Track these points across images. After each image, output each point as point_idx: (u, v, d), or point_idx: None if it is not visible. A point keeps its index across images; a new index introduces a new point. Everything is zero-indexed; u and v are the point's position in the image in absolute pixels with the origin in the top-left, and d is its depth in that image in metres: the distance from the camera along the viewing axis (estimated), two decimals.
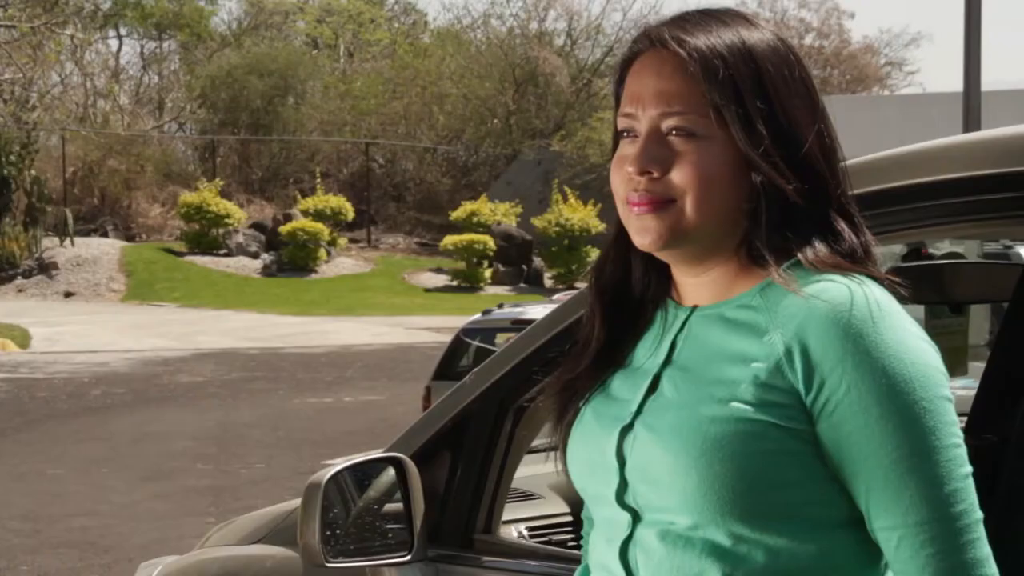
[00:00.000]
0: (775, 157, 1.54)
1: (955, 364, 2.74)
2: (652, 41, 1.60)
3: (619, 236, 1.68)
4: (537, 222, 27.72)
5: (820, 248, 1.55)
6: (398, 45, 39.25)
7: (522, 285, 27.13)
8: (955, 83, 14.95)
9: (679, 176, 1.55)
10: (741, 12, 1.64)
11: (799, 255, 1.54)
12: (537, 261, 28.14)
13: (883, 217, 1.92)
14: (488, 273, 27.22)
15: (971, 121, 13.77)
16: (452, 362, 9.99)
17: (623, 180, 1.60)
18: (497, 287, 26.93)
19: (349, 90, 36.70)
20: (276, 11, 41.97)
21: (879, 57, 44.07)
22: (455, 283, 27.29)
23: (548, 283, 27.49)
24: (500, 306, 11.20)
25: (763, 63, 1.56)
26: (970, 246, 9.16)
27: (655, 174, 1.56)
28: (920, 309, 2.77)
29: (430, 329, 21.28)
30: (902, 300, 1.57)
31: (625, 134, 1.61)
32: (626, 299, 1.70)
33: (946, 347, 2.69)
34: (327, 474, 2.15)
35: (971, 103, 14.27)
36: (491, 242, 26.92)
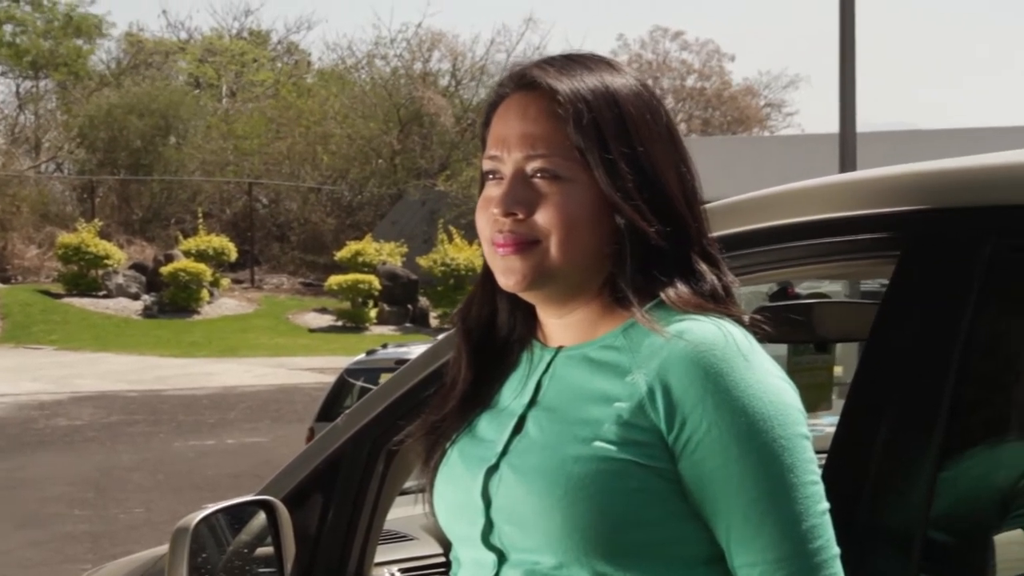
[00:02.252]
0: (637, 200, 1.57)
1: (820, 400, 2.80)
2: (517, 84, 1.63)
3: (485, 277, 1.70)
4: (423, 261, 27.68)
5: (682, 289, 1.57)
6: (281, 85, 39.02)
7: (408, 325, 27.03)
8: (833, 124, 15.25)
9: (543, 218, 1.57)
10: (605, 58, 1.67)
11: (662, 295, 1.57)
12: (423, 301, 28.08)
13: (746, 258, 1.96)
14: (373, 313, 27.09)
15: (847, 161, 14.04)
16: (336, 403, 9.93)
17: (488, 221, 1.62)
18: (382, 327, 26.80)
19: (232, 130, 36.40)
20: (156, 50, 41.52)
21: (759, 99, 44.89)
22: (340, 323, 27.10)
23: (434, 323, 27.43)
24: (384, 346, 11.16)
25: (626, 107, 1.59)
26: (852, 285, 9.31)
27: (520, 215, 1.58)
28: (784, 347, 2.82)
29: (314, 370, 21.10)
30: (764, 339, 1.60)
31: (491, 176, 1.63)
32: (492, 340, 1.71)
33: (810, 384, 2.76)
34: (195, 518, 2.13)
35: (847, 144, 14.55)
36: (376, 282, 26.81)
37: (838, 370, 2.99)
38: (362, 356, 10.69)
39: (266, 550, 2.30)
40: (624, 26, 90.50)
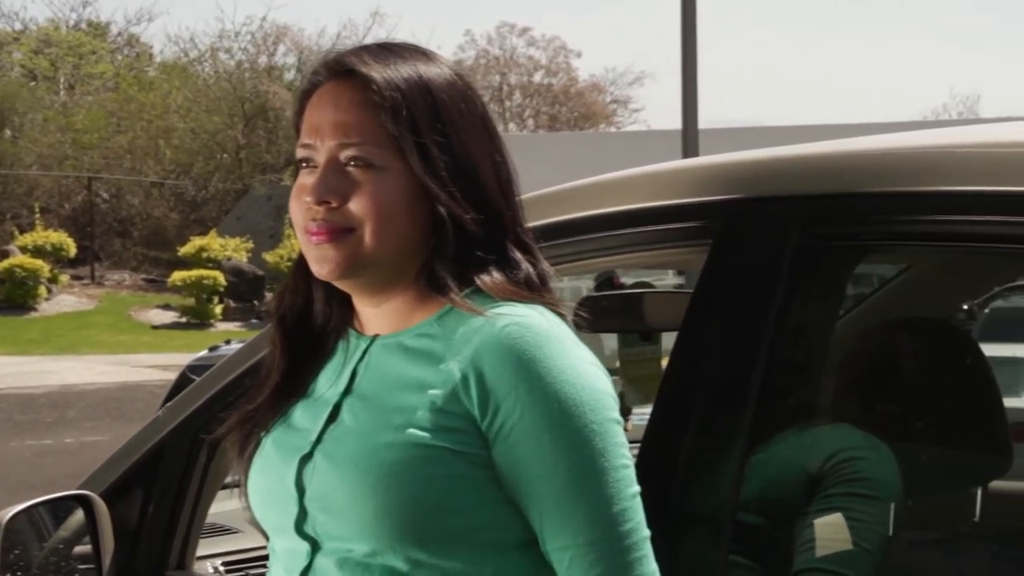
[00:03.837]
0: (452, 188, 1.57)
1: (648, 390, 2.84)
2: (331, 72, 1.62)
3: (300, 266, 1.69)
4: (269, 257, 27.36)
5: (497, 277, 1.58)
6: (122, 78, 38.23)
7: (254, 321, 26.70)
8: (678, 121, 15.48)
9: (357, 206, 1.57)
10: (419, 47, 1.67)
11: (477, 282, 1.57)
12: (269, 297, 27.80)
13: (567, 247, 1.98)
14: (218, 309, 26.71)
15: (690, 157, 14.29)
16: None
17: (302, 210, 1.60)
18: (228, 323, 26.44)
19: (70, 123, 35.53)
20: None
21: (605, 95, 45.31)
22: (184, 320, 26.67)
23: None
24: (228, 342, 11.03)
25: (440, 96, 1.60)
26: (690, 276, 9.45)
27: (333, 204, 1.57)
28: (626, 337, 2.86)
29: (157, 367, 20.74)
30: (584, 328, 1.62)
31: (304, 164, 1.62)
32: (308, 329, 1.70)
33: (639, 374, 2.80)
34: (6, 515, 2.08)
35: (689, 140, 14.81)
36: (221, 278, 26.44)
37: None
38: (205, 352, 10.55)
39: (86, 547, 2.26)
40: (471, 21, 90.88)
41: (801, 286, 1.80)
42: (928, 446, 2.11)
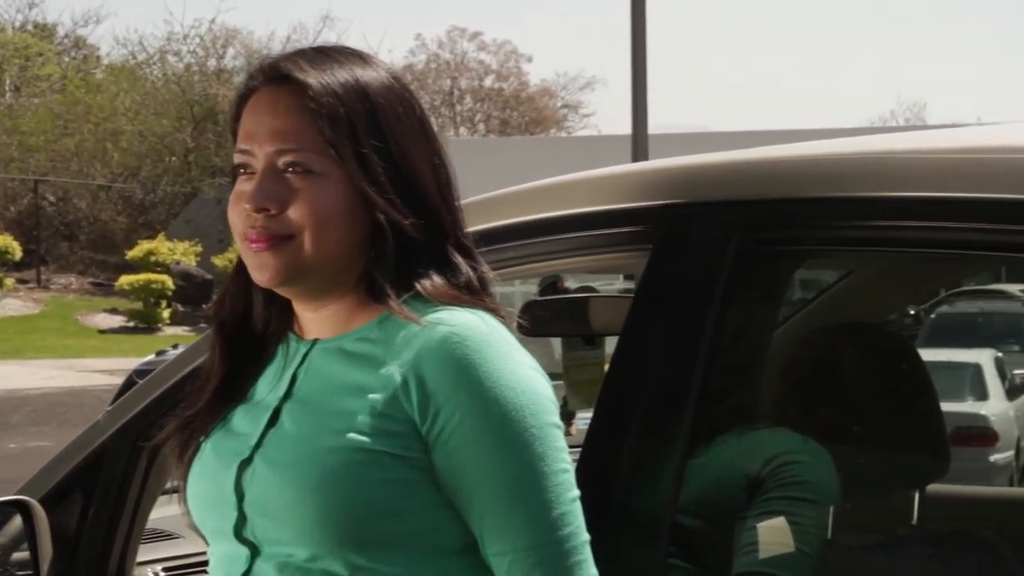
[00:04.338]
0: (391, 193, 1.57)
1: (591, 394, 2.85)
2: (267, 77, 1.61)
3: (239, 271, 1.68)
4: (218, 261, 27.23)
5: (437, 281, 1.59)
6: (69, 80, 37.93)
7: (202, 325, 26.54)
8: (628, 126, 15.54)
9: (296, 213, 1.56)
10: (356, 51, 1.66)
11: (417, 287, 1.57)
12: None
13: (505, 251, 1.99)
14: (167, 313, 26.57)
15: (639, 161, 14.33)
16: None
17: (241, 217, 1.60)
18: (176, 327, 26.30)
19: (16, 125, 35.21)
20: None
21: (556, 100, 45.36)
22: (132, 324, 26.50)
23: None
24: (175, 346, 10.96)
25: (377, 101, 1.59)
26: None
27: (272, 211, 1.57)
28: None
29: (104, 371, 20.58)
30: (527, 333, 1.62)
31: (242, 170, 1.61)
32: (247, 334, 1.70)
33: (582, 378, 2.81)
34: None
35: (639, 145, 14.86)
36: (169, 282, 26.30)
37: None
38: (152, 357, 10.51)
39: (24, 553, 2.24)
40: (422, 26, 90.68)
41: (741, 291, 1.82)
42: (866, 450, 2.13)
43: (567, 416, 2.79)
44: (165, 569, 2.57)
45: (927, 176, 1.65)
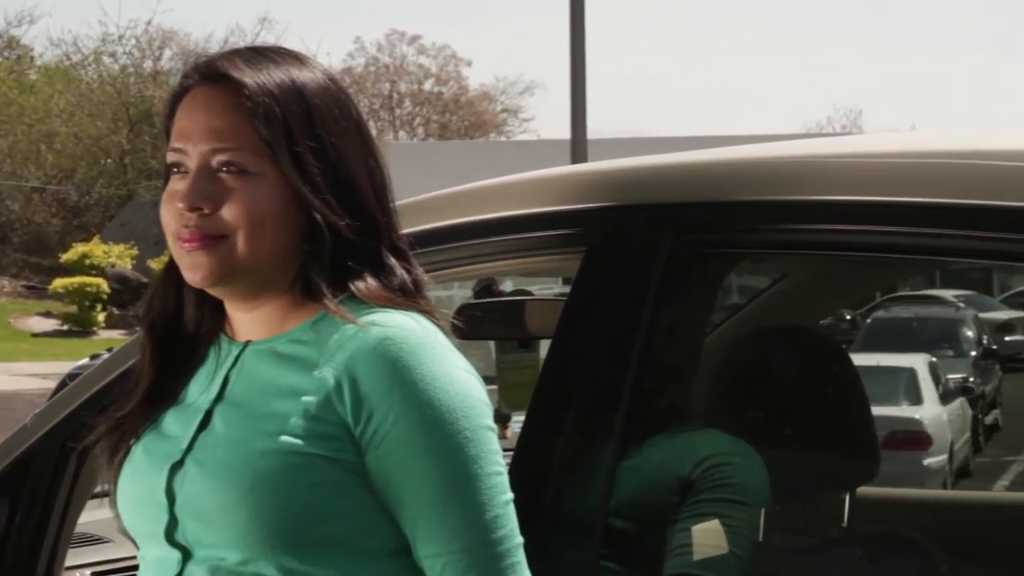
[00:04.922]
0: (326, 194, 1.57)
1: (526, 397, 2.85)
2: (203, 76, 1.60)
3: (170, 271, 1.67)
4: (154, 264, 26.99)
5: (372, 283, 1.58)
6: (2, 81, 37.48)
7: (138, 329, 26.40)
8: (567, 131, 15.60)
9: (230, 213, 1.55)
10: (292, 51, 1.66)
11: (352, 288, 1.57)
12: None
13: (440, 254, 1.99)
14: (102, 317, 26.35)
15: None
16: None
17: (174, 216, 1.59)
18: (112, 331, 26.08)
19: None
20: None
21: (496, 104, 45.44)
22: (66, 327, 26.25)
23: None
24: (110, 350, 10.84)
25: (313, 101, 1.59)
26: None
27: (206, 210, 1.56)
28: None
29: (37, 375, 20.36)
30: (461, 336, 1.62)
31: (175, 169, 1.60)
32: (178, 334, 1.69)
33: (516, 381, 2.81)
34: None
35: (578, 150, 14.91)
36: (105, 285, 26.08)
37: None
38: (86, 360, 10.42)
39: None
40: (361, 29, 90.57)
41: (673, 293, 1.83)
42: (797, 452, 2.15)
43: (502, 419, 2.79)
44: (95, 574, 2.55)
45: (858, 180, 1.67)
